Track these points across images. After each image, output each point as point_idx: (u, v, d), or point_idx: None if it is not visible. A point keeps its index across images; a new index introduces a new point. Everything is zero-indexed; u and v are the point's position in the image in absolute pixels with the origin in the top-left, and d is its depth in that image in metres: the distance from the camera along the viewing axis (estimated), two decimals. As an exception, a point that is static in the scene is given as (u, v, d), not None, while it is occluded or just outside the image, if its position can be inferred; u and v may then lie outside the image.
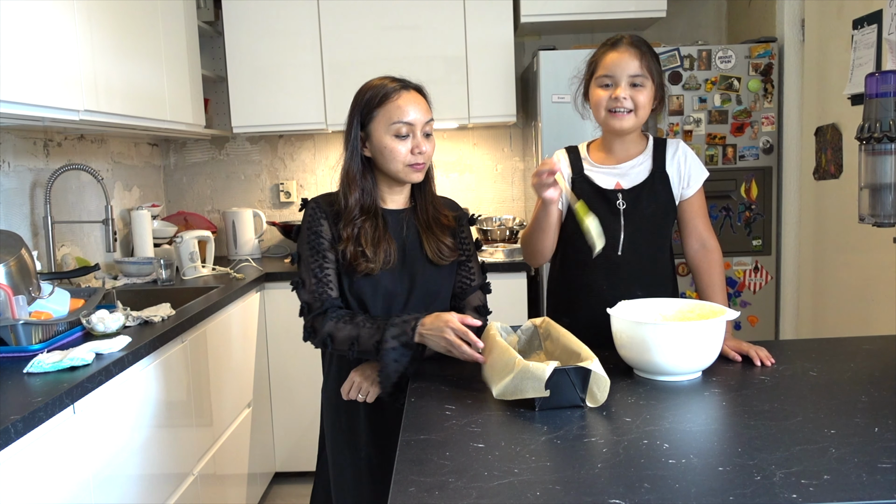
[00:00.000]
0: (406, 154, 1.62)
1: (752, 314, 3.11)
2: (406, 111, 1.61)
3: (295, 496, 3.11)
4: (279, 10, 3.24)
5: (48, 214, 2.48)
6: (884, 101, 1.47)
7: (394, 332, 1.55)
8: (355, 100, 1.67)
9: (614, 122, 1.76)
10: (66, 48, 2.03)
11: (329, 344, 1.62)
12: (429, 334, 1.53)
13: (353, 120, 1.65)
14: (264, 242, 3.69)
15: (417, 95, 1.65)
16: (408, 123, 1.61)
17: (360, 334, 1.58)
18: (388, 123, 1.60)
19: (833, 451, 1.07)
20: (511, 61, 3.26)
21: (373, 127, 1.63)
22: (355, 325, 1.60)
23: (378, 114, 1.62)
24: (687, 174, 1.84)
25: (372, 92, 1.63)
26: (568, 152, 1.89)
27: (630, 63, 1.73)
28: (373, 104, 1.62)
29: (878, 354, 1.60)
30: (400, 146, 1.61)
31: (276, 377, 3.10)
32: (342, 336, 1.60)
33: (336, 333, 1.61)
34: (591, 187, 1.82)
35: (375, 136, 1.62)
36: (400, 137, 1.61)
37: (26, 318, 1.75)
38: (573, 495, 0.97)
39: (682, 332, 1.40)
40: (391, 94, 1.61)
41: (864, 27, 2.48)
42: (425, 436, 1.19)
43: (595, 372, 1.26)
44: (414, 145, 1.62)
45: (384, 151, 1.62)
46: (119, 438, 1.74)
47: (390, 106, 1.61)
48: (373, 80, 1.68)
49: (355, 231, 1.62)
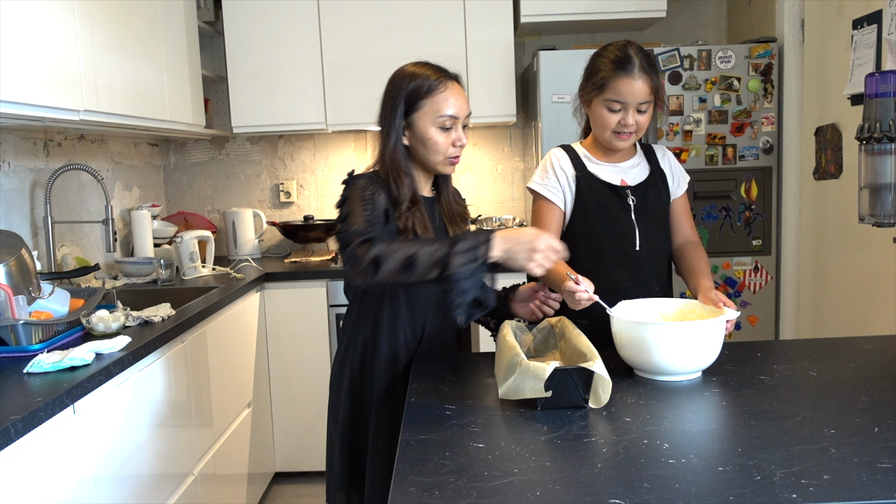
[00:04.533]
0: (448, 146, 1.62)
1: (752, 314, 3.11)
2: (452, 104, 1.61)
3: (295, 496, 3.11)
4: (279, 10, 3.24)
5: (48, 214, 2.48)
6: (884, 101, 1.47)
7: (464, 246, 1.38)
8: (395, 87, 1.64)
9: (618, 143, 1.79)
10: (66, 48, 2.03)
11: (376, 269, 1.40)
12: (515, 248, 1.39)
13: (394, 108, 1.62)
14: (264, 242, 3.70)
15: (460, 88, 1.66)
16: (453, 117, 1.61)
17: (418, 252, 1.39)
18: (435, 115, 1.60)
19: (833, 451, 1.07)
20: (511, 61, 3.26)
21: (417, 117, 1.61)
22: (412, 244, 1.42)
23: (424, 104, 1.61)
24: (678, 174, 1.91)
25: (417, 82, 1.62)
26: (565, 150, 1.89)
27: (642, 90, 1.73)
28: (419, 94, 1.61)
29: (878, 354, 1.60)
30: (444, 138, 1.61)
31: (276, 377, 3.11)
32: (396, 256, 1.39)
33: (386, 254, 1.40)
34: (600, 183, 1.82)
35: (419, 127, 1.61)
36: (444, 130, 1.61)
37: (26, 318, 1.75)
38: (573, 495, 0.97)
39: (682, 332, 1.40)
40: (437, 85, 1.61)
41: (863, 27, 2.48)
42: (425, 436, 1.19)
43: (597, 373, 1.26)
44: (456, 138, 1.63)
45: (427, 143, 1.61)
46: (119, 438, 1.73)
47: (438, 98, 1.60)
48: (411, 68, 1.66)
49: (411, 222, 1.59)
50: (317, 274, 3.09)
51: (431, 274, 1.39)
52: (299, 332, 3.08)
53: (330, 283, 3.06)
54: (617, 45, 1.78)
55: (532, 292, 1.73)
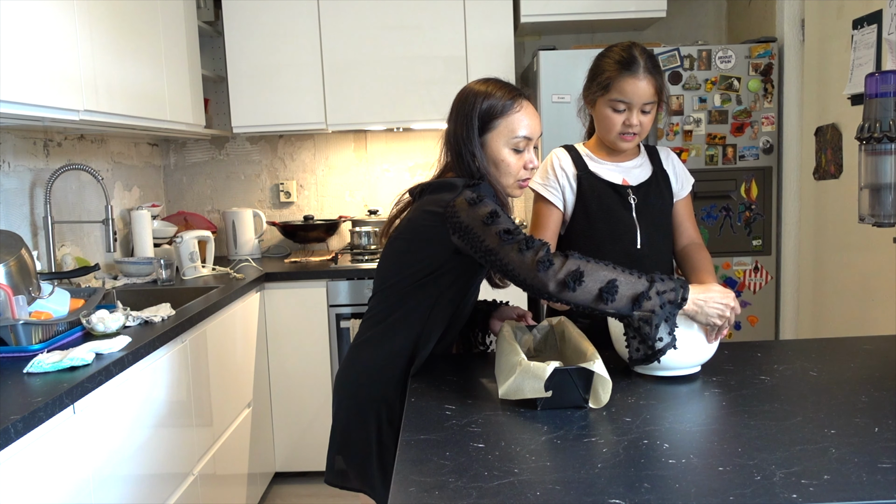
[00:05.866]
0: (519, 168, 1.57)
1: (752, 314, 3.11)
2: (527, 125, 1.56)
3: (295, 496, 3.11)
4: (279, 10, 3.24)
5: (48, 214, 2.48)
6: (884, 101, 1.47)
7: (662, 287, 1.34)
8: (469, 103, 1.57)
9: (623, 144, 1.81)
10: (66, 48, 2.03)
11: (576, 284, 1.32)
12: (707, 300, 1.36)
13: (469, 127, 1.55)
14: (264, 242, 3.70)
15: (533, 107, 1.60)
16: (527, 138, 1.56)
17: (619, 278, 1.33)
18: (510, 136, 1.55)
19: (833, 451, 1.07)
20: (511, 61, 3.26)
21: (490, 137, 1.55)
22: (609, 267, 1.36)
23: (499, 125, 1.55)
24: (682, 176, 1.92)
25: (491, 101, 1.55)
26: (567, 149, 1.89)
27: (646, 91, 1.73)
28: (494, 114, 1.55)
29: (878, 354, 1.60)
30: (516, 160, 1.56)
31: (276, 377, 3.11)
32: (598, 276, 1.33)
33: (587, 271, 1.33)
34: (601, 182, 1.83)
35: (492, 148, 1.55)
36: (517, 151, 1.56)
37: (26, 318, 1.74)
38: (573, 495, 0.97)
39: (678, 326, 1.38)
40: (512, 105, 1.55)
41: (864, 27, 2.48)
42: (425, 436, 1.19)
43: (597, 373, 1.26)
44: (528, 160, 1.57)
45: (500, 165, 1.55)
46: (119, 438, 1.73)
47: (514, 118, 1.55)
48: (482, 85, 1.58)
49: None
50: (317, 274, 3.09)
51: (626, 307, 1.33)
52: (299, 332, 3.08)
53: (330, 283, 3.06)
54: (622, 46, 1.78)
55: (516, 316, 1.71)
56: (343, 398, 1.63)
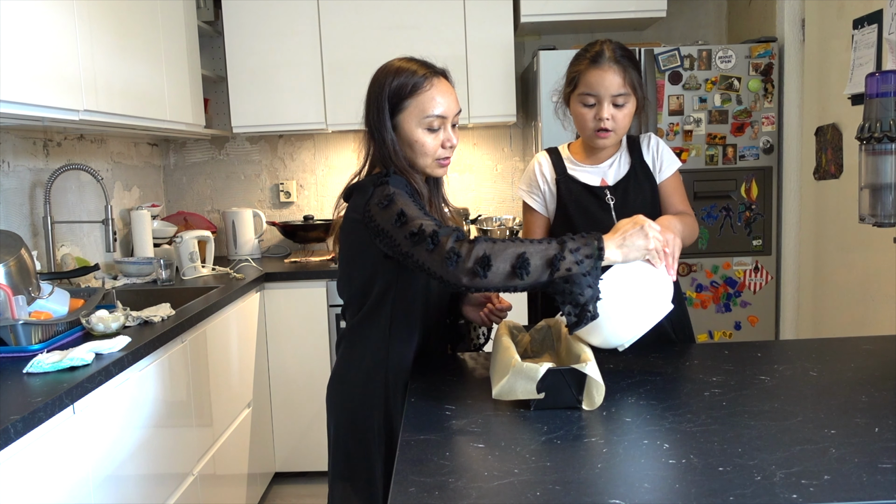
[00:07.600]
0: (436, 148, 1.52)
1: (752, 314, 3.11)
2: (439, 103, 1.50)
3: (295, 496, 3.11)
4: (279, 10, 3.24)
5: (48, 214, 2.48)
6: (884, 101, 1.46)
7: (574, 245, 1.28)
8: (379, 84, 1.54)
9: (599, 141, 1.79)
10: (66, 48, 2.03)
11: (486, 269, 1.27)
12: (625, 237, 1.31)
13: (379, 110, 1.52)
14: (264, 242, 3.70)
15: (447, 84, 1.55)
16: (440, 117, 1.51)
17: (527, 250, 1.27)
18: (421, 116, 1.50)
19: (833, 452, 1.07)
20: (511, 61, 3.26)
21: (402, 118, 1.51)
22: (515, 242, 1.30)
23: (409, 105, 1.51)
24: (660, 160, 1.87)
25: (401, 80, 1.51)
26: (549, 153, 1.92)
27: (613, 81, 1.72)
28: (403, 94, 1.51)
29: (878, 354, 1.60)
30: (431, 140, 1.51)
31: (276, 377, 3.10)
32: (506, 254, 1.27)
33: (494, 253, 1.28)
34: (579, 185, 1.84)
35: (405, 129, 1.51)
36: (431, 131, 1.51)
37: (26, 318, 1.74)
38: (573, 495, 0.97)
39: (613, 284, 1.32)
40: (422, 83, 1.50)
41: (864, 27, 2.48)
42: (425, 436, 1.19)
43: (589, 375, 1.25)
44: (445, 139, 1.53)
45: (414, 146, 1.52)
46: (119, 438, 1.73)
47: (423, 97, 1.50)
48: (396, 63, 1.55)
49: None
50: (317, 274, 3.09)
51: (544, 276, 1.27)
52: (299, 332, 3.08)
53: (330, 283, 3.06)
54: (591, 43, 1.79)
55: (484, 298, 1.65)
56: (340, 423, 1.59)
